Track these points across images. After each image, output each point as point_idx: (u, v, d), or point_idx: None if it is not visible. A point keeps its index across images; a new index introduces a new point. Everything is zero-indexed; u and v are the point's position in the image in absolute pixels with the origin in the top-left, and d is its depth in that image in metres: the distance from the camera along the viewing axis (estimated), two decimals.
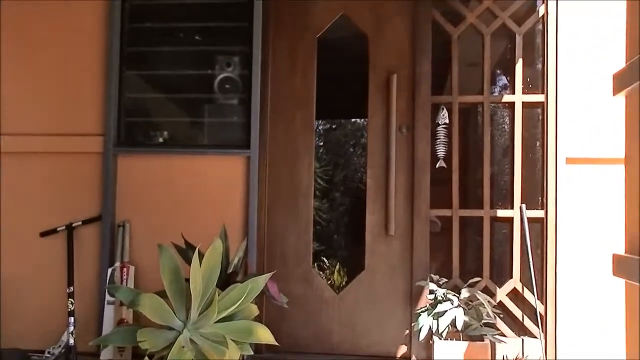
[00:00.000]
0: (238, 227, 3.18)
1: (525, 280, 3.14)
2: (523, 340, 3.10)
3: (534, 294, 3.07)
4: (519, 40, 3.23)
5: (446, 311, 2.85)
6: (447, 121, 3.29)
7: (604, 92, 3.01)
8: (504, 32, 3.28)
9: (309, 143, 3.37)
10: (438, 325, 2.85)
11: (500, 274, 3.24)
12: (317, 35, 3.39)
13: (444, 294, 2.93)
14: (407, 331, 3.21)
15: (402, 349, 3.21)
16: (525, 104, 3.23)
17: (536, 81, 3.25)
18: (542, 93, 3.18)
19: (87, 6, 3.33)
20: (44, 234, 3.24)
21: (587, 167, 3.07)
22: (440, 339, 2.86)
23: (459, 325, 2.82)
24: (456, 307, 2.86)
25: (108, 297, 3.10)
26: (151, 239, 2.95)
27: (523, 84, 3.24)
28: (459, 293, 2.93)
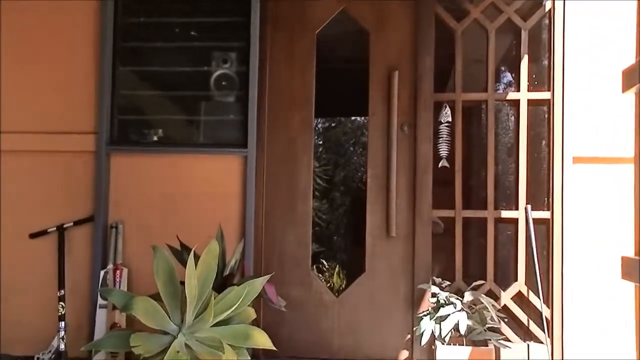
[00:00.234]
0: (235, 228, 3.18)
1: (531, 283, 3.13)
2: (529, 345, 3.10)
3: (539, 298, 3.07)
4: (524, 35, 3.23)
5: (449, 315, 2.85)
6: (450, 119, 3.30)
7: (612, 89, 3.02)
8: (509, 27, 3.28)
9: (307, 142, 3.37)
10: (440, 329, 2.85)
11: (505, 276, 3.24)
12: (316, 31, 3.38)
13: (446, 297, 2.93)
14: (409, 336, 3.20)
15: (404, 354, 3.21)
16: (531, 102, 3.23)
17: (542, 78, 3.25)
18: (548, 90, 3.19)
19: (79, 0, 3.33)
20: (33, 236, 3.23)
21: (594, 167, 3.08)
22: (442, 343, 2.86)
23: (462, 330, 2.82)
24: (459, 311, 2.86)
25: (100, 301, 3.09)
26: (145, 240, 2.94)
27: (528, 81, 3.24)
28: (462, 296, 2.94)
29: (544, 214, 3.16)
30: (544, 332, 3.05)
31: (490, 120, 3.25)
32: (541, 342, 3.08)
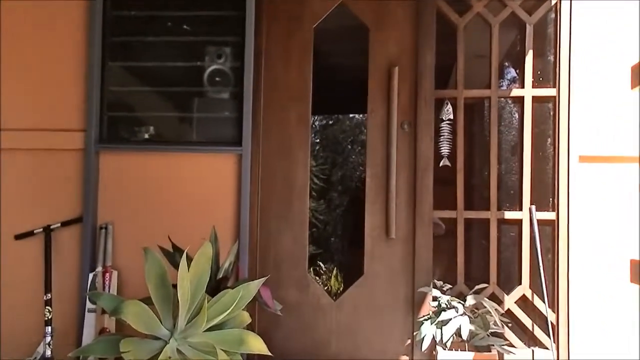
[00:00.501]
0: (229, 229, 3.17)
1: (535, 287, 3.13)
2: (533, 351, 3.09)
3: (544, 302, 3.06)
4: (529, 30, 3.23)
5: (450, 319, 2.85)
6: (451, 117, 3.30)
7: (620, 85, 3.02)
8: (513, 21, 3.28)
9: (304, 140, 3.37)
10: (442, 334, 2.85)
11: (509, 279, 3.25)
12: (314, 25, 3.37)
13: (448, 301, 2.93)
14: (409, 341, 3.20)
15: None
16: (536, 99, 3.23)
17: (547, 74, 3.25)
18: (554, 87, 3.19)
19: None
20: (19, 237, 3.21)
21: (601, 166, 3.07)
22: (444, 349, 2.86)
23: (465, 335, 2.82)
24: (461, 315, 2.86)
25: (89, 305, 3.07)
26: (136, 241, 2.91)
27: (533, 77, 3.23)
28: (464, 300, 2.94)
29: (549, 215, 3.16)
30: (549, 338, 3.04)
31: (494, 118, 3.25)
32: (546, 348, 3.08)
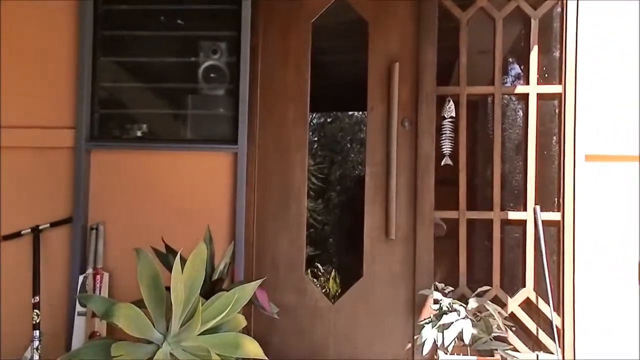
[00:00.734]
0: (224, 229, 3.17)
1: (540, 290, 3.13)
2: (538, 355, 3.10)
3: (549, 305, 3.07)
4: (534, 25, 3.23)
5: (452, 323, 2.84)
6: (453, 114, 3.29)
7: (628, 81, 3.02)
8: (517, 16, 3.28)
9: (302, 138, 3.36)
10: (443, 338, 2.85)
11: (512, 282, 3.25)
12: (311, 20, 3.37)
13: (449, 304, 2.92)
14: (410, 345, 3.19)
15: None
16: (541, 96, 3.23)
17: (553, 70, 3.25)
18: (560, 83, 3.18)
19: None
20: (6, 238, 3.20)
21: (608, 165, 3.07)
22: (445, 353, 2.86)
23: (467, 339, 2.82)
24: (463, 318, 2.86)
25: (79, 308, 3.06)
26: (128, 242, 2.89)
27: (538, 73, 3.23)
28: (466, 303, 2.94)
29: (554, 216, 3.15)
30: (555, 342, 3.04)
31: (497, 115, 3.24)
32: (551, 353, 3.08)
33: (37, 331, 2.96)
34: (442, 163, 3.29)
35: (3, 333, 3.17)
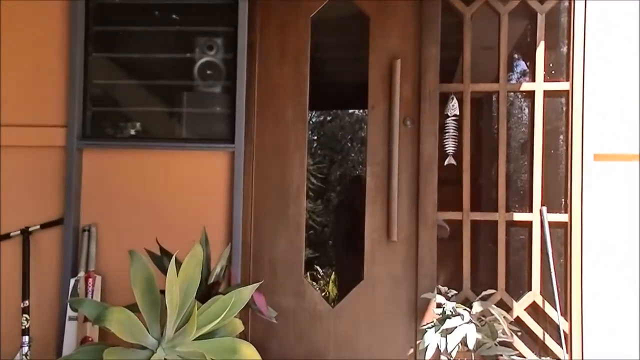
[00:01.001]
0: (221, 231, 3.17)
1: (547, 293, 3.12)
2: None
3: (556, 309, 3.06)
4: (540, 19, 3.21)
5: (456, 327, 2.83)
6: (457, 112, 3.29)
7: (637, 78, 3.01)
8: (523, 10, 3.27)
9: (301, 137, 3.36)
10: (447, 343, 2.84)
11: (518, 285, 3.25)
12: (311, 15, 3.37)
13: (453, 308, 2.91)
14: (412, 350, 3.19)
15: None
16: (547, 93, 3.22)
17: (560, 67, 3.24)
18: (567, 80, 3.18)
19: None
20: None
21: (618, 165, 3.07)
22: (449, 359, 2.84)
23: (471, 344, 2.80)
24: (467, 323, 2.84)
25: (70, 312, 3.06)
26: (121, 245, 2.91)
27: (545, 70, 3.22)
28: (470, 307, 2.92)
29: (561, 217, 3.15)
30: (562, 348, 3.04)
31: (502, 114, 3.23)
32: (558, 359, 3.07)
33: (27, 337, 2.96)
34: (445, 163, 3.28)
35: None
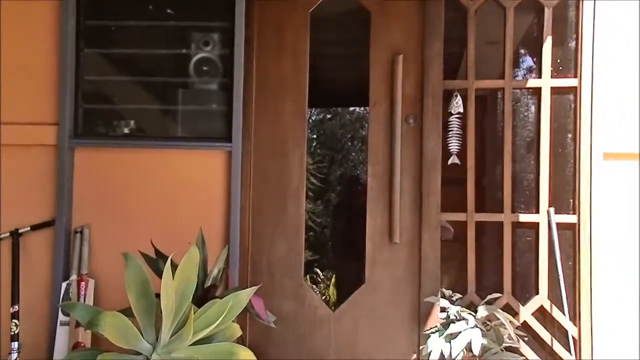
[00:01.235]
0: (218, 233, 3.17)
1: (555, 297, 3.12)
2: None
3: (565, 314, 3.06)
4: (548, 13, 3.21)
5: (460, 332, 2.83)
6: (461, 110, 3.29)
7: None
8: (530, 4, 3.26)
9: (300, 135, 3.36)
10: (451, 349, 2.83)
11: (524, 289, 3.25)
12: (310, 9, 3.37)
13: (457, 312, 2.92)
14: (415, 356, 3.19)
15: None
16: (555, 90, 3.22)
17: (568, 62, 3.24)
18: (575, 76, 3.18)
19: None
20: None
21: (628, 164, 3.06)
22: None
23: (476, 350, 2.80)
24: (472, 327, 2.84)
25: (62, 317, 3.05)
26: (114, 247, 2.88)
27: (552, 66, 3.22)
28: (475, 311, 2.92)
29: (570, 218, 3.15)
30: (570, 354, 3.04)
31: (508, 111, 3.24)
32: None
33: (16, 343, 2.95)
34: (449, 162, 3.29)
35: None
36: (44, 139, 3.22)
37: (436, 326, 2.97)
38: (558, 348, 3.11)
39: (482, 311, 2.91)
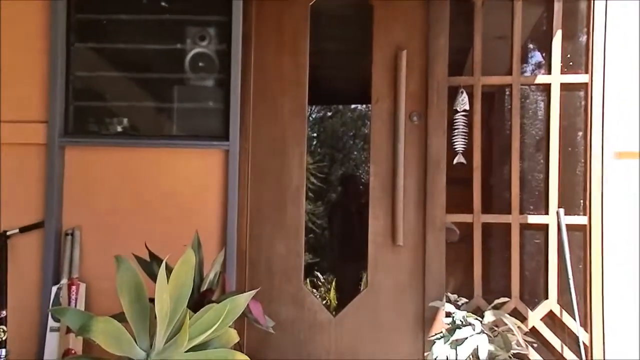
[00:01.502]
0: (214, 235, 3.17)
1: (565, 302, 3.12)
2: None
3: (575, 319, 3.05)
4: (557, 7, 3.22)
5: (466, 338, 2.83)
6: (467, 107, 3.29)
7: None
8: None
9: (300, 134, 3.36)
10: (457, 355, 2.84)
11: (533, 293, 3.26)
12: (310, 3, 3.37)
13: (463, 317, 2.92)
14: None
15: None
16: (565, 86, 3.22)
17: (578, 58, 3.25)
18: (586, 72, 3.18)
19: None
20: None
21: None
22: None
23: (483, 356, 2.80)
24: (479, 333, 2.85)
25: (51, 323, 3.04)
26: (106, 250, 2.89)
27: (562, 61, 3.23)
28: (482, 316, 2.92)
29: (580, 219, 3.14)
30: None
31: (515, 108, 3.24)
32: None
33: (3, 349, 2.95)
34: (455, 161, 3.28)
35: None
36: (33, 138, 3.21)
37: (441, 332, 2.97)
38: (568, 355, 3.10)
39: (489, 316, 2.91)
